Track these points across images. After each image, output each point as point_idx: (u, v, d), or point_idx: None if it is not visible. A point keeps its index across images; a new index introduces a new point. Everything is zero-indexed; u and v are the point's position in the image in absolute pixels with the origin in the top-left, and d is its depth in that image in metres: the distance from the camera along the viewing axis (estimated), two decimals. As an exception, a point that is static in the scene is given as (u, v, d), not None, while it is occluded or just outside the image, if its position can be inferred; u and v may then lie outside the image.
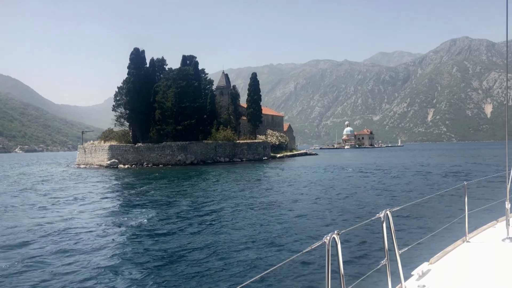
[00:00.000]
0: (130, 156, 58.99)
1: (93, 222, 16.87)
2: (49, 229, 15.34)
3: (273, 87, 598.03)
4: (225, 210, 19.19)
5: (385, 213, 3.74)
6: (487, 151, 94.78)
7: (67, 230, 15.23)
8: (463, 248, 5.17)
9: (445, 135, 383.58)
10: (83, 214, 18.99)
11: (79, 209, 20.76)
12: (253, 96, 76.55)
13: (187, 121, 58.65)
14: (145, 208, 20.27)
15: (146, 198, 24.35)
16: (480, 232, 5.85)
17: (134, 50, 60.42)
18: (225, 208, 19.72)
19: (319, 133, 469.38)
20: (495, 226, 6.10)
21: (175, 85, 59.14)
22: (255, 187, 28.92)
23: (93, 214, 18.97)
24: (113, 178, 40.90)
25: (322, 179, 34.50)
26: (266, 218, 16.97)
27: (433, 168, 43.64)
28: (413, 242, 5.95)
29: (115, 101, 63.12)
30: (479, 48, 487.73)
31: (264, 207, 19.80)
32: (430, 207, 17.90)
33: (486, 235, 5.73)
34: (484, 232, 5.87)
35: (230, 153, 66.07)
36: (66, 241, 13.44)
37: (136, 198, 24.80)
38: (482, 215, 9.25)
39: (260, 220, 16.56)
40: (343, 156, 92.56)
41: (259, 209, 19.36)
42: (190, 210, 19.49)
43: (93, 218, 18.05)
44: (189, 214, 18.30)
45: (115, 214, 18.90)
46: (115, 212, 19.58)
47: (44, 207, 21.64)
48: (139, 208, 20.57)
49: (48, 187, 32.50)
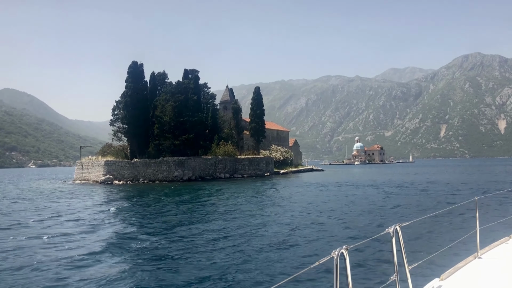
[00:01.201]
0: (126, 172, 57.29)
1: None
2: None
3: (284, 102, 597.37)
4: (216, 228, 18.40)
5: (394, 228, 3.71)
6: (502, 168, 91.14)
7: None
8: (475, 264, 5.06)
9: (458, 151, 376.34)
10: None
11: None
12: (256, 111, 74.72)
13: (185, 135, 56.89)
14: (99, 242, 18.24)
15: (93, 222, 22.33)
16: (492, 248, 5.73)
17: (132, 63, 59.28)
18: (215, 227, 18.85)
19: (331, 148, 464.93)
20: (507, 242, 5.97)
21: (173, 99, 57.67)
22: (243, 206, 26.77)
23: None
24: (91, 196, 39.07)
25: (316, 199, 32.17)
26: (269, 235, 16.55)
27: (443, 184, 41.15)
28: (423, 258, 5.57)
29: (112, 115, 61.89)
30: (492, 63, 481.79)
31: (267, 224, 19.43)
32: (441, 222, 17.44)
33: (498, 251, 5.62)
34: (496, 248, 5.74)
35: (230, 169, 63.97)
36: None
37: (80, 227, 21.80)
38: (494, 231, 9.26)
39: (262, 236, 16.22)
40: (350, 172, 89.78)
41: (258, 227, 18.73)
42: (181, 230, 17.96)
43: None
44: (186, 233, 17.54)
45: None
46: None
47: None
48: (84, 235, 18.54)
49: (16, 206, 30.62)
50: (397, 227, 3.74)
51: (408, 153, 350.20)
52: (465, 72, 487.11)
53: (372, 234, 14.88)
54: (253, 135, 75.31)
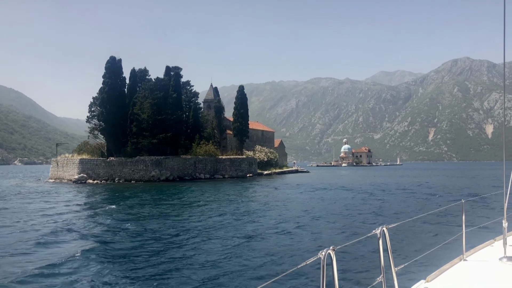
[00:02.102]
0: (101, 171, 55.26)
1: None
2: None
3: (275, 103, 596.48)
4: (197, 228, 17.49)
5: (381, 229, 3.73)
6: (489, 172, 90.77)
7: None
8: (460, 266, 5.14)
9: (446, 154, 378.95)
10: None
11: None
12: (240, 110, 73.15)
13: (163, 134, 55.06)
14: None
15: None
16: (478, 251, 5.80)
17: (110, 59, 57.22)
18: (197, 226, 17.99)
19: (320, 150, 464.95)
20: (492, 245, 6.08)
21: (152, 96, 55.81)
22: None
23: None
24: (52, 196, 37.15)
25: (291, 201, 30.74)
26: (257, 234, 16.54)
27: (428, 187, 40.11)
28: (409, 259, 5.60)
29: (89, 111, 59.58)
30: (480, 68, 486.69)
31: (253, 222, 19.41)
32: (428, 225, 17.55)
33: (483, 253, 5.69)
34: (481, 251, 5.81)
35: (211, 170, 62.25)
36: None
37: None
38: (479, 233, 9.41)
39: (250, 236, 16.18)
40: (335, 174, 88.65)
41: (247, 225, 18.78)
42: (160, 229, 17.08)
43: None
44: (163, 233, 17.17)
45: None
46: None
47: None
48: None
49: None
50: (384, 229, 3.74)
51: (397, 156, 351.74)
52: (454, 77, 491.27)
53: (359, 235, 14.79)
54: (236, 135, 73.73)
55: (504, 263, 5.10)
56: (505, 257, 5.21)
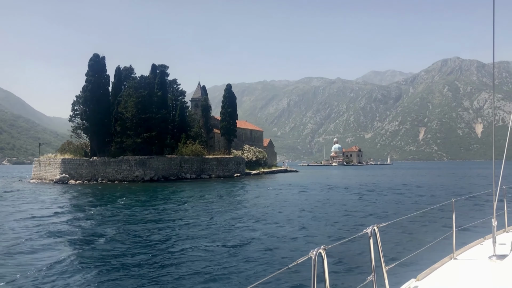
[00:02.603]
0: (84, 171, 53.93)
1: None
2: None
3: (266, 103, 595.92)
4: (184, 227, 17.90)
5: (372, 228, 3.74)
6: (480, 171, 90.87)
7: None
8: (451, 265, 5.17)
9: (436, 154, 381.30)
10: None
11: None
12: (227, 109, 72.24)
13: (147, 133, 53.88)
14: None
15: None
16: (468, 249, 5.85)
17: (93, 56, 55.92)
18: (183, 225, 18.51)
19: (311, 149, 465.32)
20: (482, 244, 6.10)
21: (136, 95, 54.59)
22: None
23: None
24: (27, 198, 35.91)
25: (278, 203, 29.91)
26: (245, 234, 16.44)
27: (418, 186, 39.58)
28: (400, 258, 5.71)
29: (72, 110, 58.12)
30: (470, 68, 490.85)
31: (244, 223, 19.08)
32: (418, 224, 17.61)
33: (473, 252, 5.73)
34: (471, 250, 5.86)
35: (197, 169, 61.18)
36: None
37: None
38: (469, 232, 9.46)
39: (238, 237, 16.01)
40: (324, 173, 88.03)
41: (238, 223, 18.74)
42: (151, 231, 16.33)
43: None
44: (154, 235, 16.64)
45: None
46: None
47: None
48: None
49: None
50: (375, 228, 3.76)
51: (387, 155, 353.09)
52: (444, 76, 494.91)
53: (350, 234, 14.80)
54: (224, 134, 72.83)
55: (493, 261, 5.11)
56: (494, 256, 5.22)
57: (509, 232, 6.79)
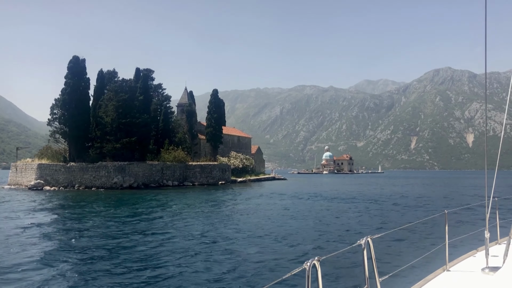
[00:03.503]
0: (61, 176, 51.94)
1: None
2: None
3: (259, 110, 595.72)
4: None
5: (366, 240, 3.75)
6: (471, 181, 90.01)
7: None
8: (443, 277, 5.16)
9: (428, 163, 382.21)
10: None
11: None
12: (213, 115, 70.71)
13: (126, 138, 52.13)
14: None
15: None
16: (460, 261, 5.84)
17: (73, 58, 54.10)
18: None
19: (304, 157, 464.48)
20: (475, 255, 6.12)
21: (116, 98, 52.91)
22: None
23: None
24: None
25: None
26: (236, 244, 16.12)
27: (409, 197, 38.24)
28: (394, 270, 5.55)
29: (51, 114, 56.23)
30: (461, 78, 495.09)
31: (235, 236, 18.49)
32: (411, 235, 17.63)
33: (466, 264, 5.73)
34: (464, 261, 5.85)
35: (180, 176, 59.41)
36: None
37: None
38: (462, 244, 9.63)
39: (228, 247, 15.59)
40: (314, 182, 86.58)
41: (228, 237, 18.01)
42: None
43: None
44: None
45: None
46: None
47: None
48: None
49: None
50: (369, 239, 3.77)
51: (379, 164, 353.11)
52: (436, 86, 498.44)
53: (343, 246, 14.87)
54: (209, 140, 71.27)
55: (486, 273, 5.07)
56: (487, 268, 5.18)
57: (501, 244, 6.74)
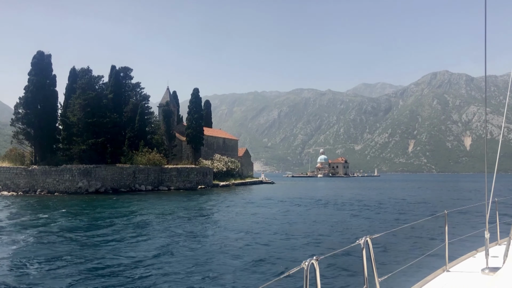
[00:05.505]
0: (21, 181, 48.09)
1: None
2: None
3: (257, 113, 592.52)
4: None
5: (365, 239, 3.72)
6: (469, 184, 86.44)
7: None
8: (443, 277, 5.14)
9: (426, 166, 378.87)
10: None
11: None
12: (194, 115, 66.96)
13: (93, 139, 48.38)
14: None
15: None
16: (460, 262, 5.84)
17: (37, 54, 50.45)
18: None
19: (301, 160, 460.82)
20: (474, 256, 6.13)
21: (83, 97, 49.21)
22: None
23: None
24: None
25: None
26: (232, 246, 16.05)
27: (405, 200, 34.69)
28: (393, 270, 5.46)
29: (14, 113, 52.43)
30: (459, 82, 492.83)
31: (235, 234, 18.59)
32: (411, 235, 17.46)
33: (465, 264, 5.73)
34: (464, 262, 5.86)
35: (154, 180, 55.59)
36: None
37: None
38: (462, 244, 9.65)
39: (225, 247, 15.65)
40: (303, 185, 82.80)
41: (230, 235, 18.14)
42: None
43: None
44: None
45: None
46: None
47: None
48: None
49: None
50: (368, 239, 3.74)
51: (377, 167, 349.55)
52: (433, 89, 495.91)
53: (342, 245, 14.45)
54: (190, 142, 67.54)
55: (486, 274, 5.05)
56: (487, 268, 5.17)
57: (501, 244, 6.72)
